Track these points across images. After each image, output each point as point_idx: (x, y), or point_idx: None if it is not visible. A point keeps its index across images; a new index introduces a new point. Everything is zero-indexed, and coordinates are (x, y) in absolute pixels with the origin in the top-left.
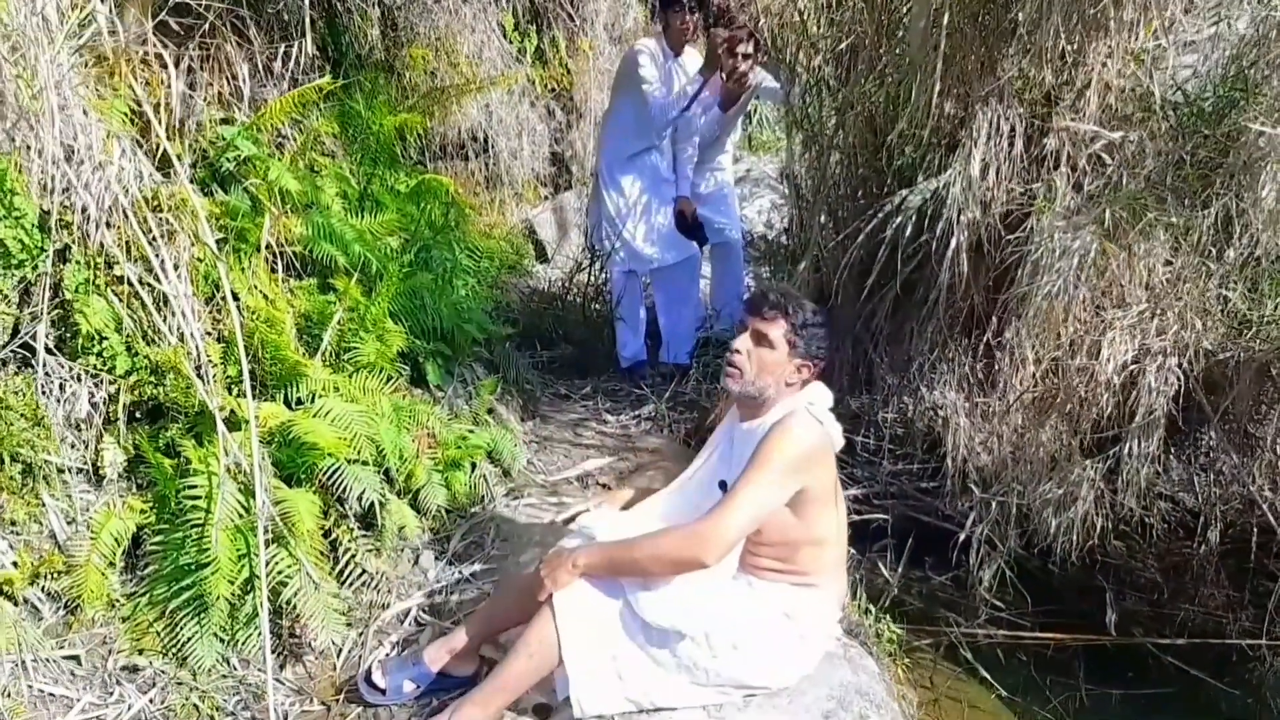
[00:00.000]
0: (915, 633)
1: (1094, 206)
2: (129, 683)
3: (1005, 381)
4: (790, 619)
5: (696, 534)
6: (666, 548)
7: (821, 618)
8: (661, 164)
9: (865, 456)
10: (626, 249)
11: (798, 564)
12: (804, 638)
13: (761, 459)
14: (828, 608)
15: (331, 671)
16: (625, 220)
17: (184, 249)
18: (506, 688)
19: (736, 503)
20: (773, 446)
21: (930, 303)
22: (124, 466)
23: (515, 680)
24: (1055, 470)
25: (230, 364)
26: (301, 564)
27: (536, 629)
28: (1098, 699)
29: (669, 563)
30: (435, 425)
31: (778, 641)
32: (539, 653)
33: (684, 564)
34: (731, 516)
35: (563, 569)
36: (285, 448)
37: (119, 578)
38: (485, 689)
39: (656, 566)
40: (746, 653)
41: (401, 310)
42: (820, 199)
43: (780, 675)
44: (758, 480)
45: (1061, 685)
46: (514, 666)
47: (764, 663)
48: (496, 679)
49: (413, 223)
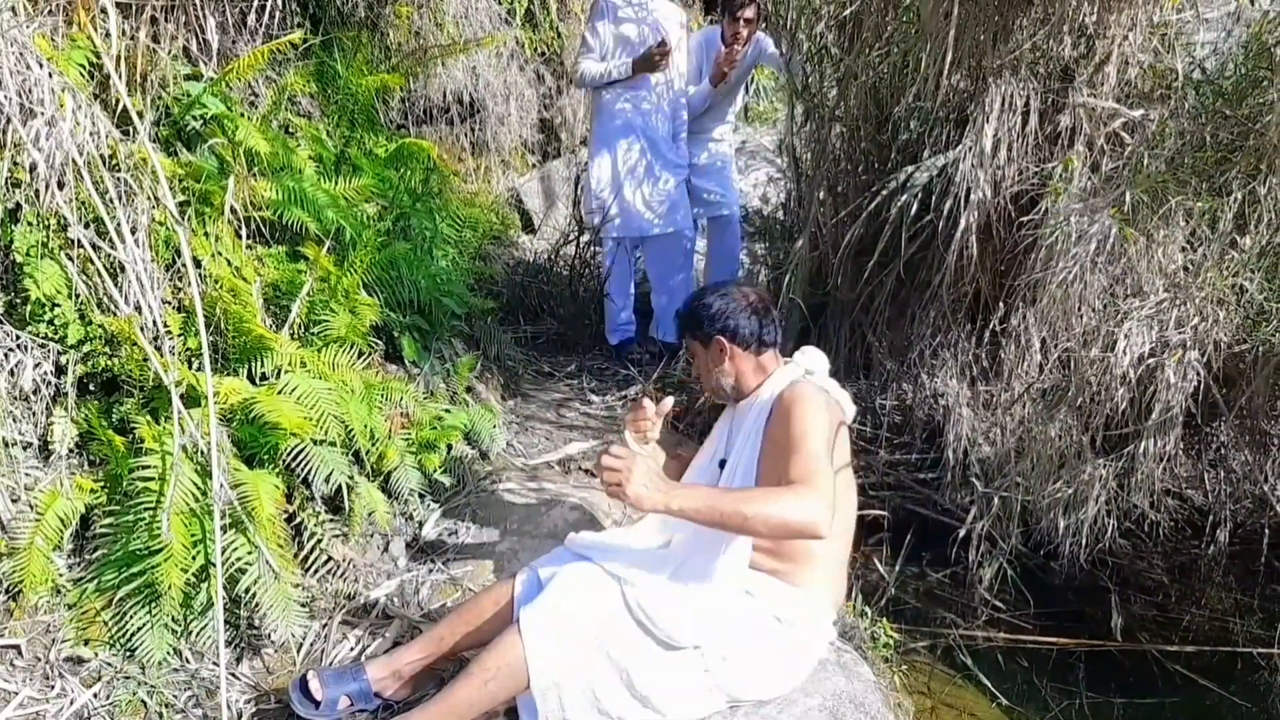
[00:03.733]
0: (912, 634)
1: (1112, 188)
2: (72, 675)
3: (1011, 371)
4: (782, 624)
5: (810, 499)
6: (785, 512)
7: (816, 623)
8: (660, 129)
9: (861, 445)
10: (621, 215)
11: (791, 558)
12: (796, 645)
13: (794, 428)
14: (823, 613)
15: (291, 666)
16: (620, 187)
17: (143, 212)
18: (452, 713)
19: (813, 461)
20: (795, 415)
21: (934, 286)
22: (75, 442)
23: (464, 706)
24: (1064, 468)
25: (190, 336)
26: (260, 551)
27: (499, 651)
28: (1099, 707)
29: (788, 529)
30: (409, 404)
31: (769, 649)
32: (499, 678)
33: (803, 531)
34: (823, 477)
35: (654, 499)
36: (247, 426)
37: (65, 561)
38: (428, 710)
39: (769, 530)
40: (736, 662)
41: (376, 281)
42: (820, 174)
43: (771, 685)
44: (804, 437)
45: (1062, 691)
46: (464, 690)
47: (754, 672)
48: (442, 701)
49: (391, 189)
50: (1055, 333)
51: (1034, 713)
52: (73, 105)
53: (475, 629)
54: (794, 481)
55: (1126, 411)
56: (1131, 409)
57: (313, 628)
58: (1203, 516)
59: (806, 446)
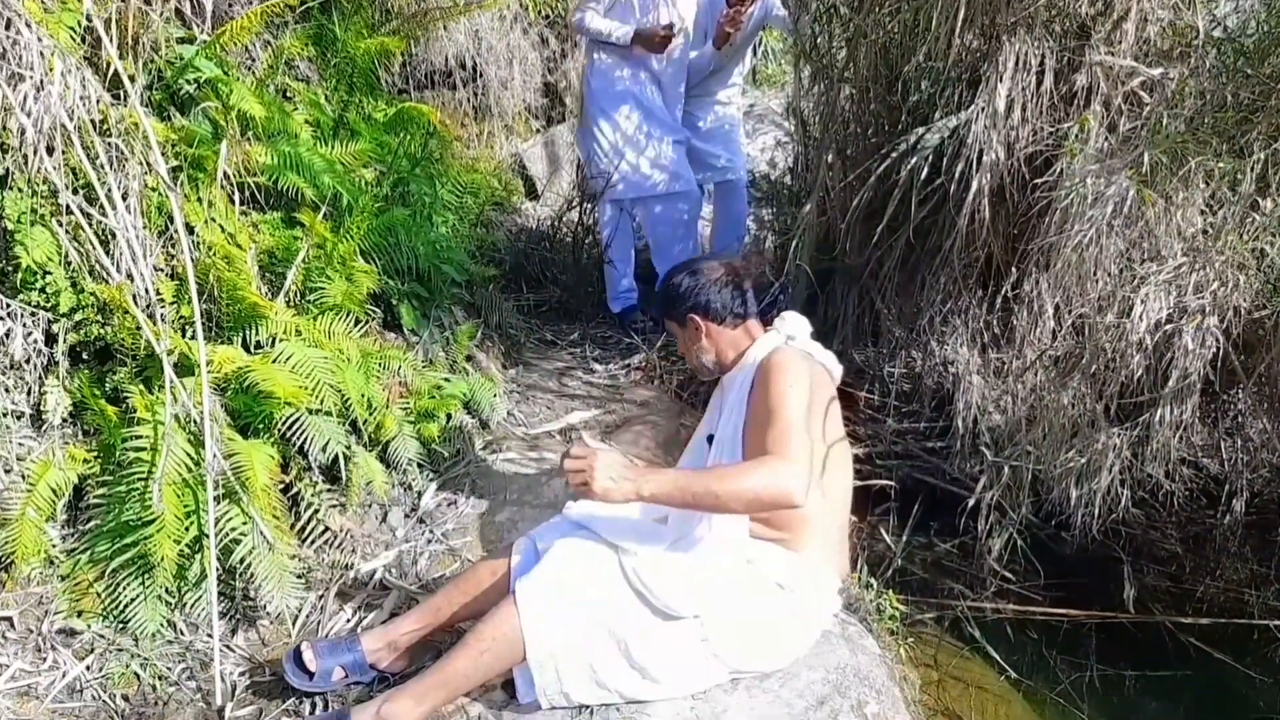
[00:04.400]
0: (918, 605)
1: (1129, 149)
2: (65, 648)
3: (1023, 338)
4: (784, 590)
5: (779, 470)
6: (755, 487)
7: (819, 591)
8: (657, 95)
9: (869, 413)
10: (625, 178)
11: (788, 525)
12: (799, 613)
13: (771, 396)
14: (826, 579)
15: (287, 638)
16: (622, 151)
17: (134, 177)
18: (448, 684)
19: (787, 430)
20: (772, 382)
21: (944, 251)
22: (68, 412)
23: (459, 677)
24: (1077, 437)
25: (184, 303)
26: (255, 522)
27: (495, 623)
28: (1110, 680)
29: (761, 503)
30: (408, 373)
31: (770, 618)
32: (494, 650)
33: (778, 503)
34: (795, 445)
35: (622, 490)
36: (241, 395)
37: (60, 532)
38: (423, 681)
39: (744, 506)
40: (736, 632)
41: (374, 248)
42: (828, 136)
43: (773, 656)
44: (780, 406)
45: (1072, 664)
46: (460, 662)
47: (755, 643)
48: (438, 672)
49: (390, 154)
50: (1069, 298)
51: (1043, 685)
52: (62, 69)
53: (472, 599)
54: (769, 452)
55: (1142, 379)
56: (1147, 376)
57: (309, 599)
58: (1218, 485)
59: (782, 415)
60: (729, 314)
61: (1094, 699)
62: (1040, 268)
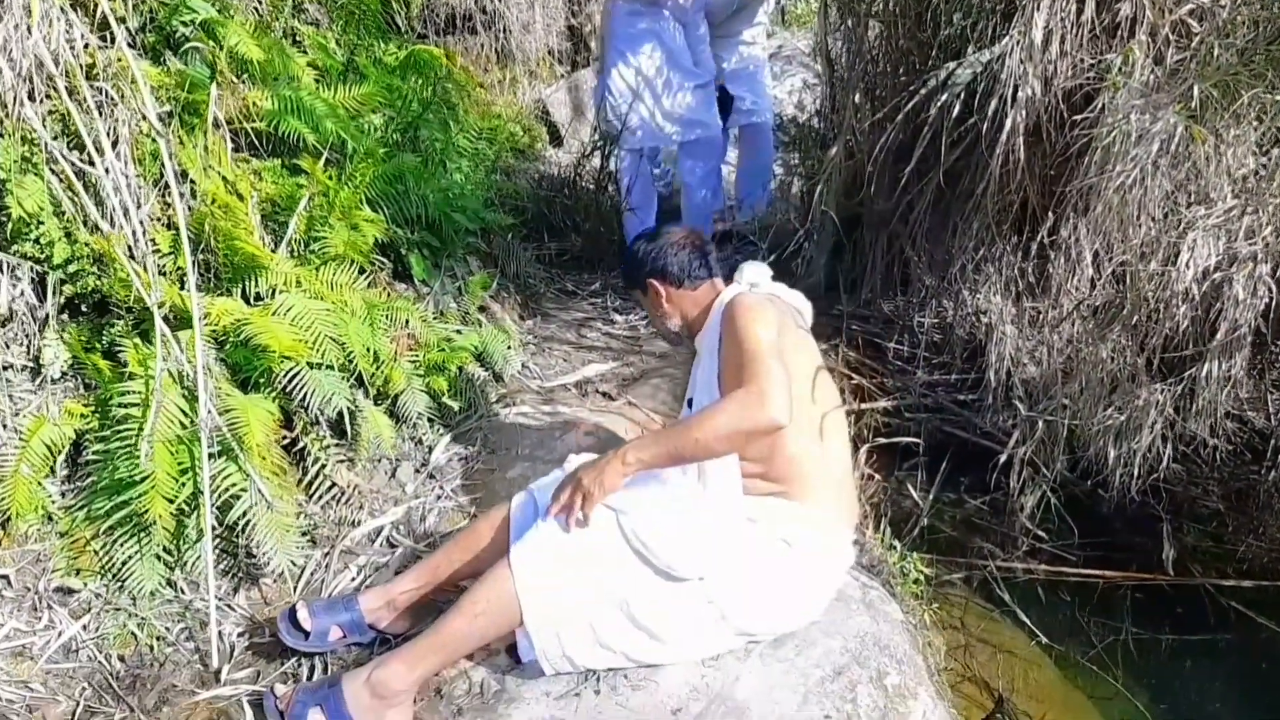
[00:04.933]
0: (946, 565)
1: (1178, 83)
2: (61, 607)
3: (1059, 287)
4: (792, 547)
5: (748, 396)
6: (729, 420)
7: (830, 545)
8: (680, 35)
9: (898, 365)
10: (642, 126)
11: (783, 475)
12: (811, 570)
13: (737, 335)
14: (836, 531)
15: (290, 596)
16: (640, 96)
17: (124, 123)
18: (444, 648)
19: (753, 360)
20: (735, 322)
21: (977, 195)
22: (67, 365)
23: (455, 641)
24: (1116, 392)
25: (181, 254)
26: (252, 479)
27: (490, 585)
28: (1145, 644)
29: (741, 434)
30: (416, 325)
31: (780, 578)
32: (490, 612)
33: (757, 429)
34: (762, 370)
35: (610, 470)
36: (241, 349)
37: (59, 488)
38: (418, 645)
39: (726, 443)
40: (744, 594)
41: (381, 196)
42: (856, 76)
43: (786, 618)
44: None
45: (1105, 627)
46: (455, 624)
47: (766, 604)
48: (433, 635)
49: (399, 98)
50: (1110, 245)
51: (1075, 649)
52: (44, 7)
53: (473, 557)
54: (744, 377)
55: (1188, 331)
56: (1193, 328)
57: (314, 556)
58: (1263, 440)
59: (747, 348)
60: (687, 276)
61: (1128, 664)
62: (1078, 212)
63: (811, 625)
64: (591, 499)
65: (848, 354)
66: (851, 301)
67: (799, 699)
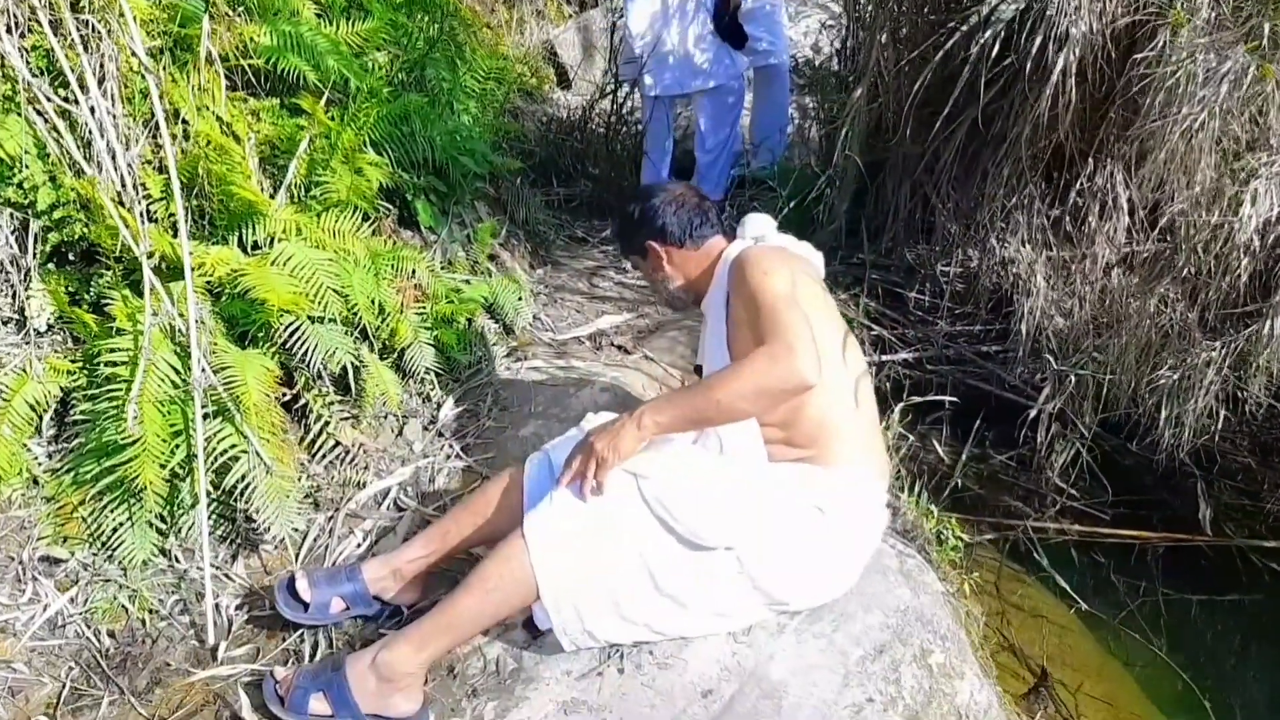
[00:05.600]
0: (975, 525)
1: (1242, 20)
2: (46, 578)
3: (1092, 235)
4: (826, 514)
5: (774, 351)
6: (755, 379)
7: (864, 508)
8: None
9: (919, 315)
10: (661, 71)
11: (810, 439)
12: (846, 536)
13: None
14: (870, 493)
15: (292, 564)
16: (659, 38)
17: (111, 58)
18: (453, 627)
19: (772, 314)
20: (745, 277)
21: (1010, 139)
22: (54, 317)
23: (466, 620)
24: (1166, 349)
25: (172, 200)
26: (250, 442)
27: (502, 558)
28: (1174, 604)
29: (769, 394)
30: (423, 274)
31: (814, 546)
32: (503, 588)
33: (786, 388)
34: (784, 323)
35: (625, 435)
36: (237, 301)
37: (45, 449)
38: (426, 624)
39: (751, 403)
40: (777, 564)
41: (386, 138)
42: (883, 14)
43: (822, 587)
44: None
45: (1135, 588)
46: (465, 602)
47: (799, 574)
48: (442, 614)
49: (404, 35)
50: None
51: (1106, 611)
52: None
53: (484, 522)
54: (762, 344)
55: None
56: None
57: (317, 520)
58: None
59: (765, 302)
60: (689, 235)
61: (1161, 625)
62: (1116, 157)
63: (849, 597)
64: (605, 465)
65: (868, 304)
66: (872, 250)
67: (839, 680)
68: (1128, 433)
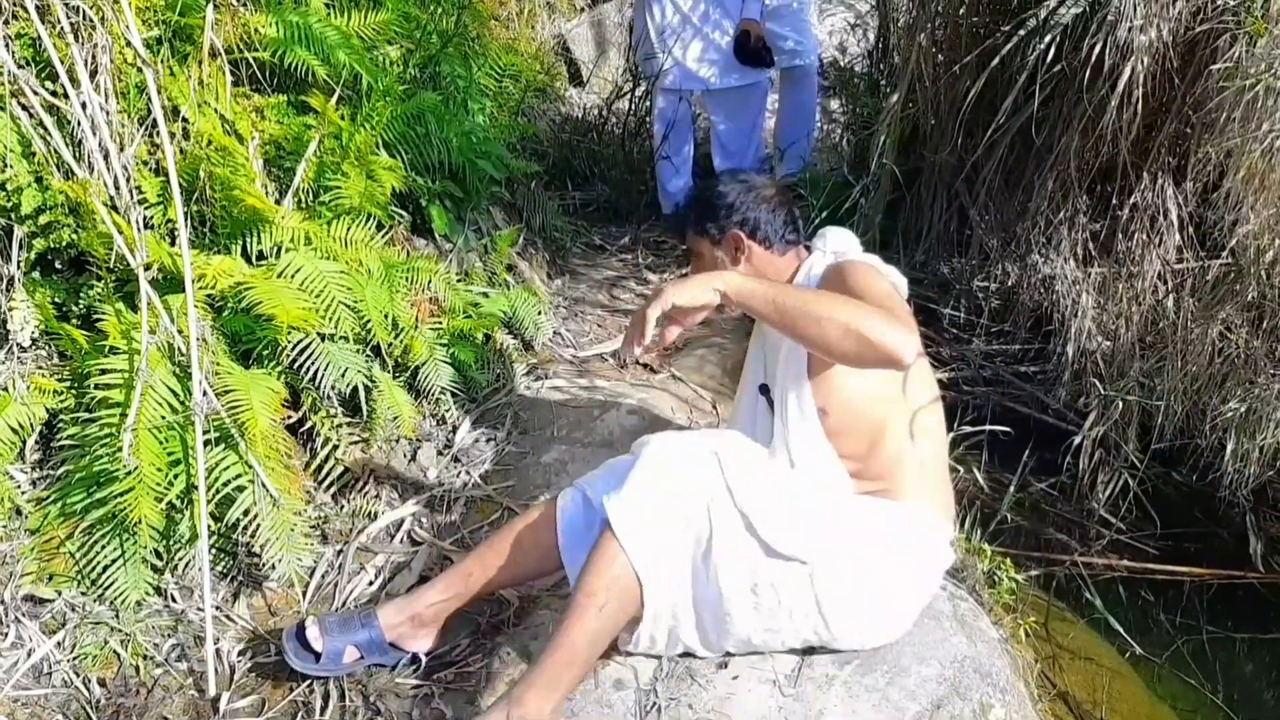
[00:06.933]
0: (1021, 560)
1: None
2: (30, 620)
3: (1140, 252)
4: (899, 552)
5: (886, 313)
6: (860, 316)
7: (935, 549)
8: None
9: (954, 333)
10: (677, 67)
11: (884, 471)
12: (913, 577)
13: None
14: (941, 533)
15: (298, 604)
16: (677, 35)
17: (105, 50)
18: (576, 659)
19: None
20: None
21: (1057, 150)
22: (39, 331)
23: (588, 645)
24: (1231, 378)
25: (171, 205)
26: (255, 472)
27: (601, 568)
28: (1220, 642)
29: (862, 337)
30: (439, 287)
31: (884, 581)
32: (612, 600)
33: (883, 350)
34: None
35: (697, 281)
36: (241, 315)
37: (28, 476)
38: (548, 666)
39: (839, 332)
40: (848, 591)
41: (399, 139)
42: (923, 16)
43: (875, 627)
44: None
45: (1184, 627)
46: (582, 627)
47: (866, 607)
48: (561, 649)
49: (418, 29)
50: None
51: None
52: None
53: (513, 563)
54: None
55: None
56: None
57: (325, 555)
58: None
59: (875, 292)
60: (779, 237)
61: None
62: (1167, 171)
63: (901, 647)
64: (661, 300)
65: None
66: (906, 263)
67: None
68: (1176, 463)
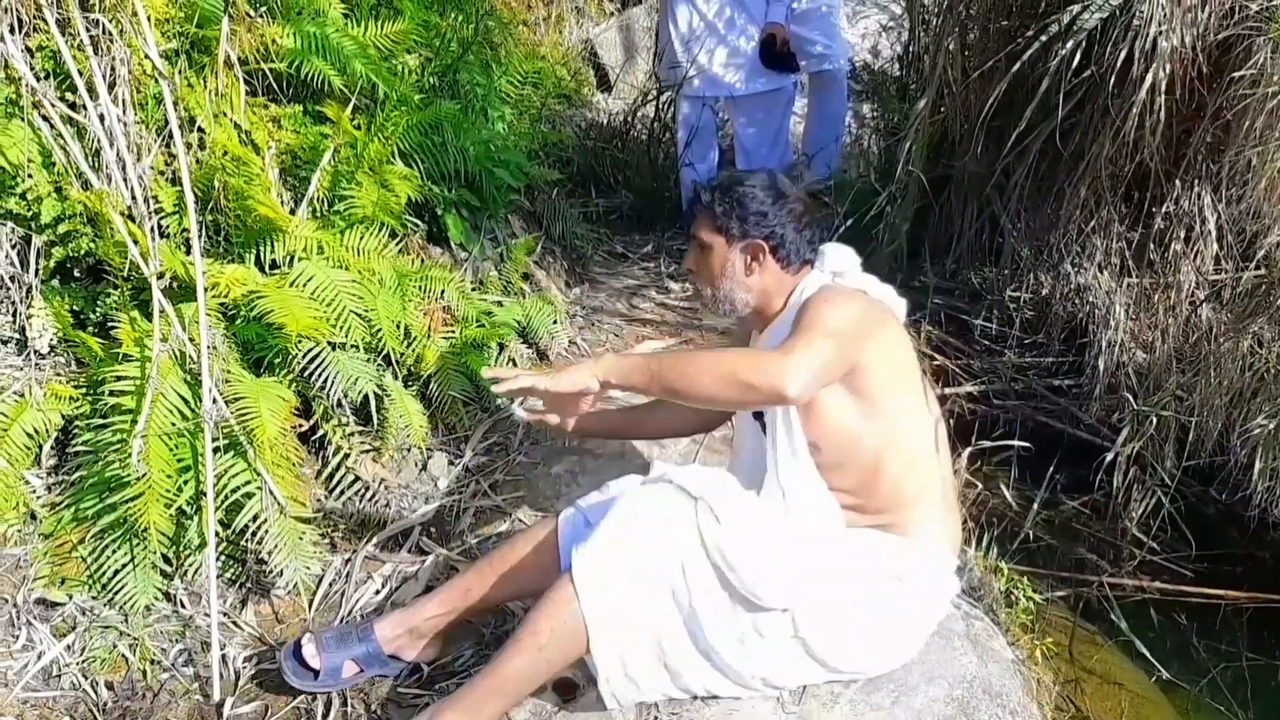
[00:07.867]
0: (1046, 580)
1: None
2: (42, 623)
3: (1176, 262)
4: (903, 583)
5: (773, 355)
6: (735, 365)
7: (938, 579)
8: None
9: (986, 344)
10: (702, 71)
11: (885, 504)
12: (915, 607)
13: (803, 325)
14: (944, 563)
15: (305, 611)
16: (702, 39)
17: (123, 61)
18: (503, 690)
19: (807, 332)
20: (810, 311)
21: (1089, 157)
22: (57, 338)
23: (517, 680)
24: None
25: (185, 214)
26: (263, 480)
27: (551, 609)
28: (1262, 670)
29: (740, 384)
30: (453, 296)
31: (882, 615)
32: (554, 644)
33: (758, 390)
34: (807, 341)
35: (578, 367)
36: (253, 324)
37: (44, 481)
38: (475, 689)
39: (718, 385)
40: (839, 632)
41: (415, 148)
42: (951, 19)
43: (879, 658)
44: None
45: (1220, 653)
46: (515, 662)
47: (861, 644)
48: (491, 676)
49: (437, 37)
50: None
51: (1185, 676)
52: None
53: (511, 580)
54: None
55: None
56: None
57: (333, 563)
58: None
59: (811, 327)
60: (799, 258)
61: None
62: (1204, 178)
63: (909, 666)
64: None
65: (930, 331)
66: (935, 273)
67: None
68: (1213, 481)
